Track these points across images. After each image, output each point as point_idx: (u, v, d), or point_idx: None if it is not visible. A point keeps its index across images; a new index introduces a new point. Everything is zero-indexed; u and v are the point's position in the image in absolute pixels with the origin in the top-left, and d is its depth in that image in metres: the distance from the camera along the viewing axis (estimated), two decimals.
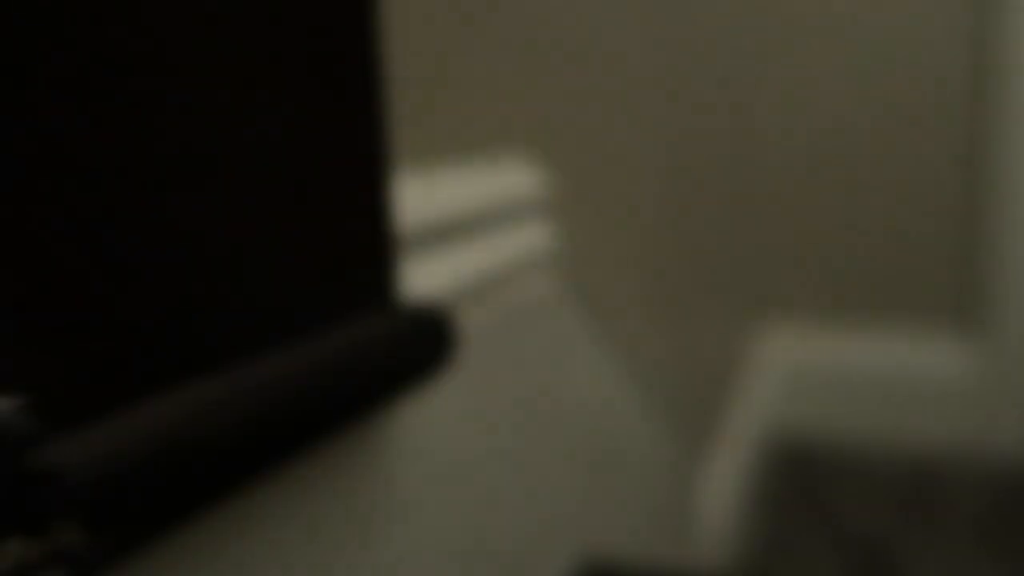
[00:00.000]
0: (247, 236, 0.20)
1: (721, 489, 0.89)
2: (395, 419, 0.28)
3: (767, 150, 1.28)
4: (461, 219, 0.35)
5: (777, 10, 1.24)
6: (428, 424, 0.30)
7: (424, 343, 0.25)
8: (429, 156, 0.35)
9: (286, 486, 0.22)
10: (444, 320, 0.26)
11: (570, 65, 0.49)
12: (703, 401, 0.88)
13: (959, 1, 1.14)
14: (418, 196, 0.32)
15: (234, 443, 0.17)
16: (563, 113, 0.48)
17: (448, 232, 0.34)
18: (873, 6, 1.18)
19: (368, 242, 0.25)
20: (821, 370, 1.27)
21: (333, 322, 0.23)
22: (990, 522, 1.01)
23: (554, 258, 0.46)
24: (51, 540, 0.14)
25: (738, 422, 1.04)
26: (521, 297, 0.40)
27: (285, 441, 0.19)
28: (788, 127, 1.26)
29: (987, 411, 1.20)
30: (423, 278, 0.32)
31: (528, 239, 0.42)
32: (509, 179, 0.41)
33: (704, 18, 0.84)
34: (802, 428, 1.30)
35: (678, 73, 0.74)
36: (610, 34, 0.55)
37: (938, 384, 1.22)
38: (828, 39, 1.21)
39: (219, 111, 0.19)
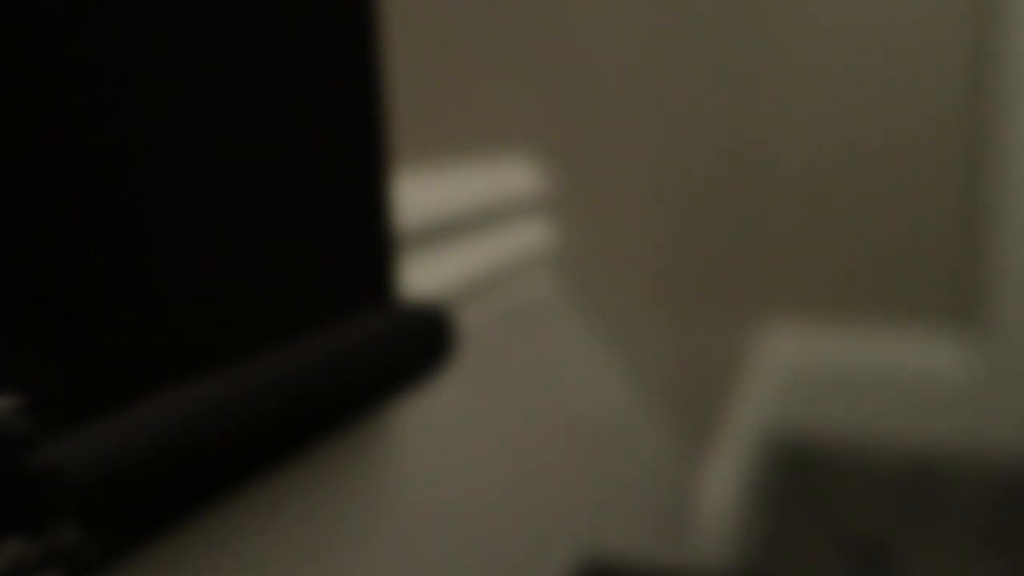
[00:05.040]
0: (247, 235, 0.20)
1: (721, 488, 0.89)
2: (394, 418, 0.28)
3: (768, 149, 1.28)
4: (461, 218, 0.35)
5: (779, 10, 1.24)
6: (428, 423, 0.30)
7: (423, 342, 0.25)
8: (429, 156, 0.35)
9: (286, 485, 0.22)
10: (444, 319, 0.26)
11: (571, 65, 0.49)
12: (703, 400, 0.88)
13: (960, 2, 1.14)
14: (418, 196, 0.32)
15: (234, 442, 0.17)
16: (563, 113, 0.48)
17: (448, 231, 0.34)
18: (875, 7, 1.18)
19: (368, 241, 0.25)
20: (821, 370, 1.27)
21: (333, 321, 0.23)
22: (990, 521, 1.01)
23: (554, 258, 0.46)
24: (50, 539, 0.14)
25: (738, 421, 1.04)
26: (521, 297, 0.40)
27: (285, 440, 0.19)
28: (789, 127, 1.26)
29: (987, 411, 1.20)
30: (423, 277, 0.32)
31: (528, 238, 0.42)
32: (509, 178, 0.41)
33: (705, 18, 0.84)
34: (802, 427, 1.30)
35: (679, 73, 0.74)
36: (611, 33, 0.55)
37: (938, 384, 1.22)
38: (829, 39, 1.21)
39: (219, 112, 0.19)
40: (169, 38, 0.17)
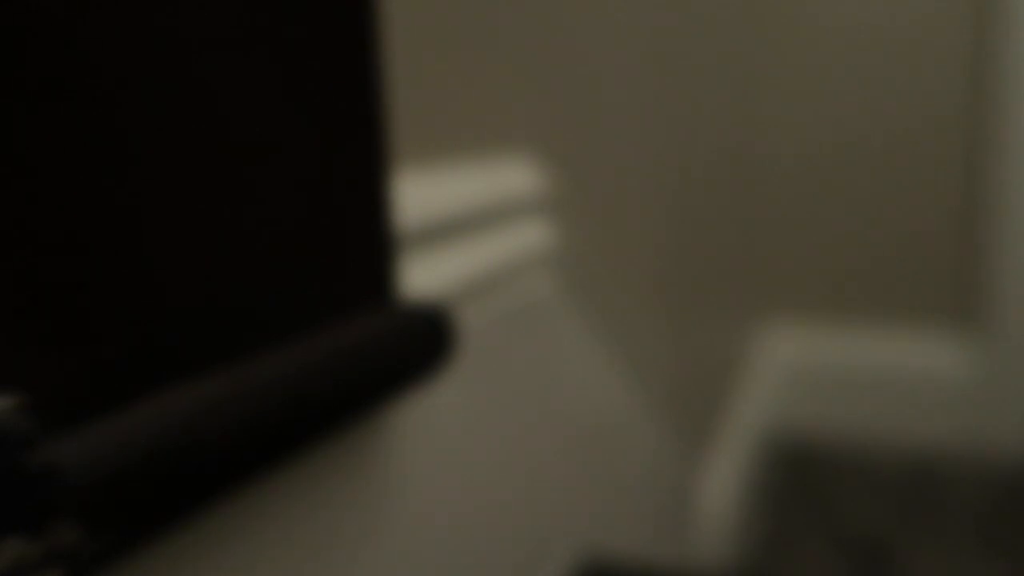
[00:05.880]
0: (247, 235, 0.20)
1: (721, 488, 0.89)
2: (395, 417, 0.28)
3: (768, 149, 1.28)
4: (461, 218, 0.35)
5: (779, 10, 1.24)
6: (427, 423, 0.30)
7: (423, 342, 0.25)
8: (429, 156, 0.35)
9: (286, 485, 0.22)
10: (444, 319, 0.26)
11: (571, 64, 0.49)
12: (703, 400, 0.88)
13: (960, 2, 1.14)
14: (418, 196, 0.32)
15: (234, 442, 0.17)
16: (564, 113, 0.48)
17: (448, 231, 0.34)
18: (875, 7, 1.18)
19: (368, 241, 0.25)
20: (821, 370, 1.27)
21: (333, 321, 0.23)
22: (990, 521, 1.01)
23: (554, 258, 0.46)
24: (50, 539, 0.14)
25: (738, 421, 1.04)
26: (521, 297, 0.40)
27: (285, 440, 0.19)
28: (789, 127, 1.26)
29: (987, 410, 1.20)
30: (423, 277, 0.32)
31: (528, 238, 0.42)
32: (509, 178, 0.41)
33: (705, 18, 0.84)
34: (802, 427, 1.30)
35: (679, 73, 0.74)
36: (611, 33, 0.55)
37: (938, 383, 1.22)
38: (829, 39, 1.21)
39: (219, 112, 0.19)
40: (169, 38, 0.17)
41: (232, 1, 0.19)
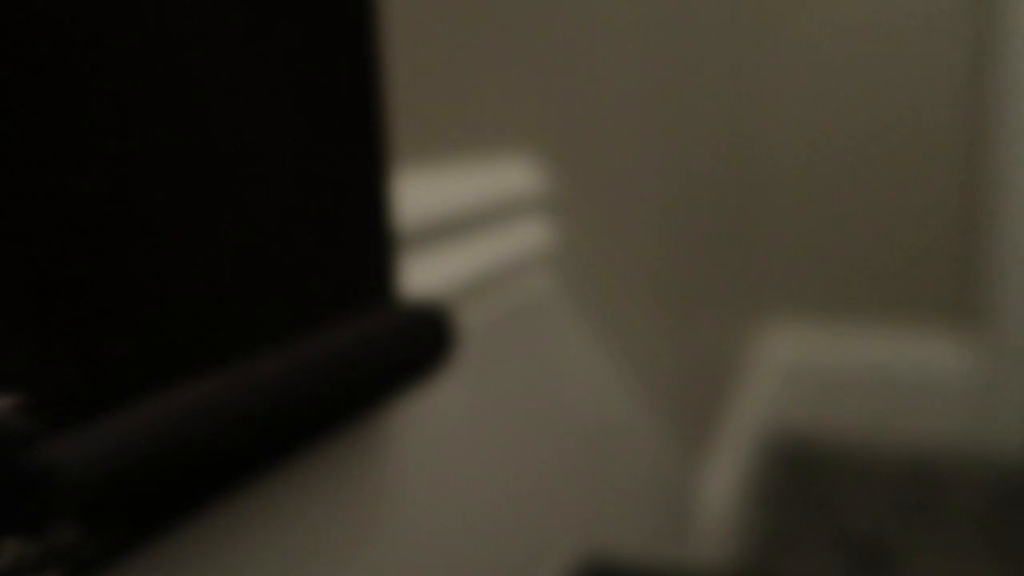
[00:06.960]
0: (247, 235, 0.20)
1: (721, 487, 0.89)
2: (395, 417, 0.28)
3: (767, 150, 1.28)
4: (461, 217, 0.35)
5: (779, 10, 1.24)
6: (428, 422, 0.30)
7: (424, 341, 0.25)
8: (428, 155, 0.35)
9: (286, 484, 0.22)
10: (444, 318, 0.26)
11: (571, 64, 0.49)
12: (703, 400, 0.88)
13: (960, 2, 1.14)
14: (418, 195, 0.32)
15: (234, 442, 0.17)
16: (563, 112, 0.48)
17: (448, 230, 0.34)
18: (875, 7, 1.18)
19: (368, 240, 0.25)
20: (821, 369, 1.27)
21: (333, 320, 0.23)
22: (990, 521, 1.01)
23: (554, 258, 0.46)
24: (49, 539, 0.14)
25: (738, 421, 1.04)
26: (521, 296, 0.40)
27: (285, 439, 0.19)
28: (789, 127, 1.26)
29: (987, 411, 1.20)
30: (423, 276, 0.32)
31: (528, 237, 0.42)
32: (509, 178, 0.41)
33: (705, 18, 0.84)
34: (802, 427, 1.30)
35: (679, 73, 0.74)
36: (611, 34, 0.55)
37: (938, 383, 1.22)
38: (830, 39, 1.21)
39: (219, 112, 0.19)
40: (169, 38, 0.17)
41: (232, 1, 0.19)
